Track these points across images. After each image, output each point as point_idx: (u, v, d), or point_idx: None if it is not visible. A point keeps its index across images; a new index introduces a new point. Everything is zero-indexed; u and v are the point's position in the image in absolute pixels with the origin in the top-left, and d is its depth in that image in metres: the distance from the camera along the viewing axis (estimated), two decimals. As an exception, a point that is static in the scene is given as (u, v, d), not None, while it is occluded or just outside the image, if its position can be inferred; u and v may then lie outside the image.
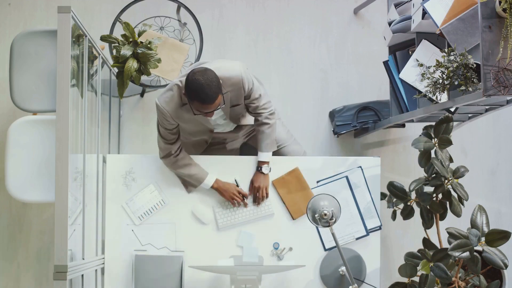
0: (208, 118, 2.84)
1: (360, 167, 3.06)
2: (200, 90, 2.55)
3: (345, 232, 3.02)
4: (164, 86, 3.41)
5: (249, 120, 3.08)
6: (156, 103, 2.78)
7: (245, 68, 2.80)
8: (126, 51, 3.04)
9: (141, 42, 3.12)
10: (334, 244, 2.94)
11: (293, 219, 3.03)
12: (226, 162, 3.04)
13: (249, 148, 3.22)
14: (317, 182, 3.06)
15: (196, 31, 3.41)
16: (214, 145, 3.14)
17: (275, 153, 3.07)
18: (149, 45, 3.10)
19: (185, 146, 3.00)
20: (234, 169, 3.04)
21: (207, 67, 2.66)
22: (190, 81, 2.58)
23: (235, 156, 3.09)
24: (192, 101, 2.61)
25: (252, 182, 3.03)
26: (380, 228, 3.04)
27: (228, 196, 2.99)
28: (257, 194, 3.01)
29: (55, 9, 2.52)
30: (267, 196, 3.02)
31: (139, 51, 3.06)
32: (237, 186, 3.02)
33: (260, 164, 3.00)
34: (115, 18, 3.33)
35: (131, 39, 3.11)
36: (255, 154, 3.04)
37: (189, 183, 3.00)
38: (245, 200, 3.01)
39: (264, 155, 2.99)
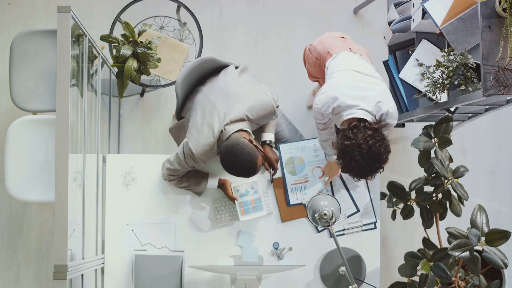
0: None
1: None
2: (239, 171, 2.58)
3: None
4: (164, 86, 3.41)
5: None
6: (191, 150, 2.71)
7: (270, 92, 2.80)
8: (126, 50, 3.04)
9: (141, 42, 3.12)
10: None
11: (282, 221, 3.03)
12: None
13: None
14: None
15: (196, 30, 3.41)
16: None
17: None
18: (149, 45, 3.10)
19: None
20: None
21: (234, 143, 2.60)
22: (226, 165, 2.60)
23: None
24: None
25: (268, 158, 3.01)
26: (375, 226, 3.03)
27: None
28: (275, 166, 2.98)
29: (55, 8, 2.53)
30: (276, 169, 3.00)
31: (139, 51, 3.07)
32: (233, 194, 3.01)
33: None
34: (115, 17, 3.33)
35: (131, 39, 3.11)
36: None
37: (195, 193, 3.01)
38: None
39: (268, 135, 2.98)
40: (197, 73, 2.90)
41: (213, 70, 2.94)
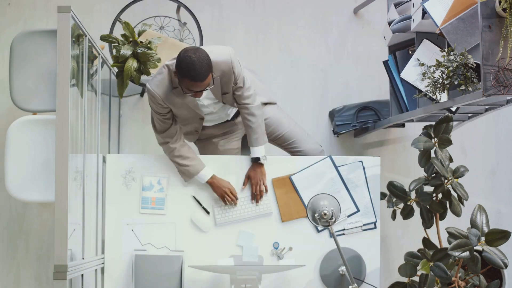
0: (199, 104, 2.84)
1: (361, 161, 3.05)
2: (191, 66, 2.56)
3: None
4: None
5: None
6: (147, 87, 2.79)
7: (235, 54, 2.80)
8: (126, 50, 3.04)
9: (141, 42, 3.12)
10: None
11: (282, 221, 3.03)
12: (225, 162, 3.04)
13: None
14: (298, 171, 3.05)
15: (196, 30, 3.41)
16: (208, 140, 3.13)
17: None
18: (149, 45, 3.10)
19: None
20: (231, 169, 3.04)
21: (199, 46, 2.67)
22: (181, 58, 2.59)
23: (233, 156, 3.09)
24: (182, 79, 2.61)
25: (248, 177, 3.02)
26: (375, 225, 3.03)
27: (220, 193, 2.98)
28: (254, 191, 3.00)
29: (54, 8, 2.53)
30: (266, 191, 3.01)
31: (139, 51, 3.06)
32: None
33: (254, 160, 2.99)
34: (115, 17, 3.33)
35: (131, 39, 3.11)
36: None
37: (184, 174, 2.99)
38: (236, 201, 3.00)
39: (256, 151, 2.96)
40: None
41: None
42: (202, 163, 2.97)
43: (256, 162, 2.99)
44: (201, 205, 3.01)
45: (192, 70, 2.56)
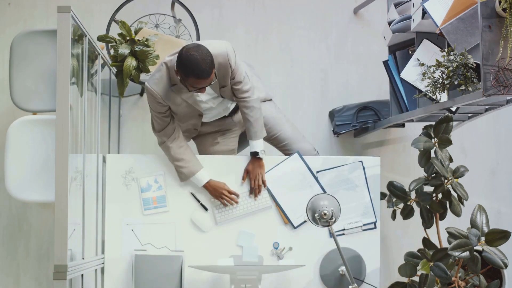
0: (197, 100, 2.83)
1: (361, 161, 3.05)
2: (196, 65, 2.55)
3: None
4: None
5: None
6: (145, 85, 2.78)
7: (231, 47, 2.80)
8: (124, 49, 3.04)
9: (138, 40, 3.12)
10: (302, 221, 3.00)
11: (285, 223, 3.03)
12: (223, 162, 3.04)
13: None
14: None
15: (192, 26, 3.40)
16: (206, 136, 3.13)
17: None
18: (146, 42, 3.10)
19: None
20: (229, 169, 3.04)
21: (199, 43, 2.66)
22: (184, 57, 2.58)
23: (231, 156, 3.09)
24: (187, 77, 2.59)
25: (247, 171, 3.02)
26: (375, 225, 3.03)
27: (216, 195, 2.98)
28: (252, 185, 2.99)
29: (55, 8, 2.53)
30: (264, 185, 3.01)
31: (137, 49, 3.06)
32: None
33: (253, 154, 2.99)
34: (110, 18, 3.34)
35: (128, 38, 3.11)
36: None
37: (180, 174, 2.99)
38: (237, 198, 2.99)
39: (255, 144, 2.95)
40: None
41: None
42: (199, 164, 2.96)
43: (254, 157, 2.99)
44: (199, 201, 3.01)
45: (197, 68, 2.55)
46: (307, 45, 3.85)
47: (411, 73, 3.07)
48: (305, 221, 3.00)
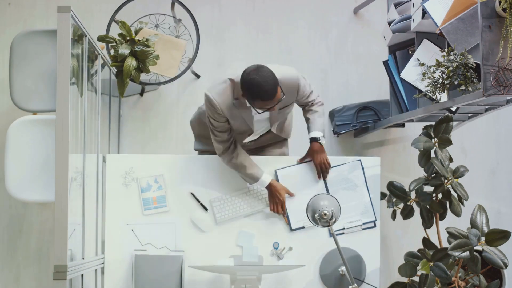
0: (254, 119, 2.82)
1: (360, 160, 3.05)
2: (258, 88, 2.52)
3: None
4: (164, 83, 3.40)
5: (286, 133, 3.12)
6: (206, 95, 2.72)
7: (301, 74, 2.82)
8: (124, 49, 3.04)
9: (139, 40, 3.12)
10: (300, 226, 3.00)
11: (285, 223, 3.03)
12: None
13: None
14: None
15: (192, 26, 3.40)
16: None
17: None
18: (146, 43, 3.10)
19: None
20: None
21: (258, 64, 2.62)
22: (246, 82, 2.55)
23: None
24: (254, 101, 2.58)
25: (309, 157, 3.02)
26: (374, 224, 3.03)
27: (273, 201, 2.97)
28: (320, 169, 3.01)
29: (55, 8, 2.53)
30: (330, 166, 3.02)
31: (137, 49, 3.06)
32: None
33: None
34: (110, 18, 3.34)
35: (128, 38, 3.11)
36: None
37: (246, 180, 2.99)
38: (284, 210, 3.00)
39: (315, 132, 2.98)
40: None
41: None
42: (259, 169, 2.95)
43: (315, 142, 2.98)
44: (199, 201, 3.01)
45: (260, 91, 2.53)
46: (307, 45, 3.85)
47: (411, 73, 3.07)
48: (303, 227, 3.00)
